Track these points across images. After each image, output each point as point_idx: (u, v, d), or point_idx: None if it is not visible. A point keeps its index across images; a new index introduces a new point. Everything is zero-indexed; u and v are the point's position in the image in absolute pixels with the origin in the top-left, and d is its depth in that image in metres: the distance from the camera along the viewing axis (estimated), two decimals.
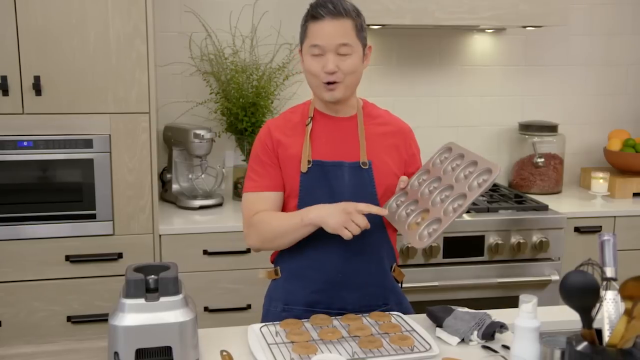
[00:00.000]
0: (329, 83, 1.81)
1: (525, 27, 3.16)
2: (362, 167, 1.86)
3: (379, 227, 1.89)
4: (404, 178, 1.87)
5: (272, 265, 1.99)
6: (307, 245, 1.86)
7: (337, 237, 1.80)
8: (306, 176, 1.84)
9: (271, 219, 1.85)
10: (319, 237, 1.82)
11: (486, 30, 3.43)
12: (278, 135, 1.89)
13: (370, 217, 1.83)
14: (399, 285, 2.01)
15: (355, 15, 1.81)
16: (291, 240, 1.84)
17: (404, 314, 1.95)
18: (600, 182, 3.26)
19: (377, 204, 1.86)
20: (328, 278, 1.87)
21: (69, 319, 2.68)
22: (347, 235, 1.71)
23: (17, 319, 2.64)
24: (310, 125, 1.88)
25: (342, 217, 1.71)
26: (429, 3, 2.87)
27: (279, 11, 3.19)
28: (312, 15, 1.79)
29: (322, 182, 1.85)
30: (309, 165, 1.84)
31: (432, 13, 2.89)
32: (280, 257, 1.95)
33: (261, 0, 3.16)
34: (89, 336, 2.68)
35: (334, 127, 1.90)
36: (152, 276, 1.57)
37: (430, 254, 2.85)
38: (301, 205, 1.85)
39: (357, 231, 1.71)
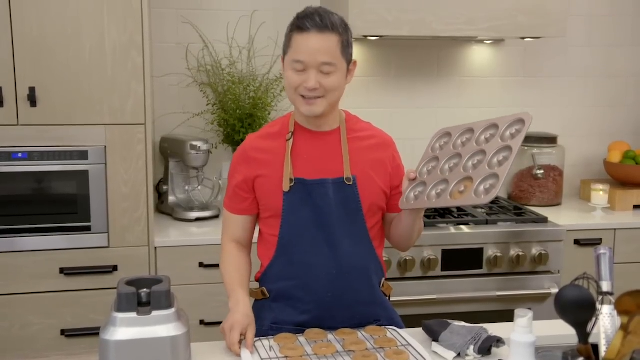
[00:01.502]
0: (307, 97, 1.75)
1: (524, 38, 3.14)
2: (347, 182, 1.81)
3: (365, 242, 1.86)
4: (411, 169, 1.80)
5: (258, 284, 1.94)
6: (293, 266, 1.83)
7: (324, 256, 1.79)
8: (289, 195, 1.79)
9: (223, 268, 1.92)
10: (306, 256, 1.80)
11: (485, 42, 3.43)
12: (255, 154, 1.84)
13: (356, 231, 1.82)
14: (388, 299, 1.97)
15: (342, 31, 1.73)
16: None
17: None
18: (600, 194, 3.24)
19: (362, 220, 1.83)
20: (317, 298, 1.82)
21: (62, 332, 2.65)
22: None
23: (10, 333, 2.62)
24: (291, 140, 1.82)
25: (227, 326, 1.74)
26: (427, 14, 2.86)
27: (276, 22, 3.18)
28: (298, 26, 1.72)
29: (306, 201, 1.80)
30: (292, 184, 1.79)
31: (429, 24, 2.88)
32: (267, 277, 1.89)
33: (258, 12, 3.16)
34: (83, 350, 2.65)
35: (315, 141, 1.83)
36: (145, 290, 1.55)
37: (428, 266, 2.82)
38: (285, 224, 1.81)
39: (227, 343, 1.72)
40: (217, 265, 2.70)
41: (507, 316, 2.23)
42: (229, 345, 1.69)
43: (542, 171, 3.33)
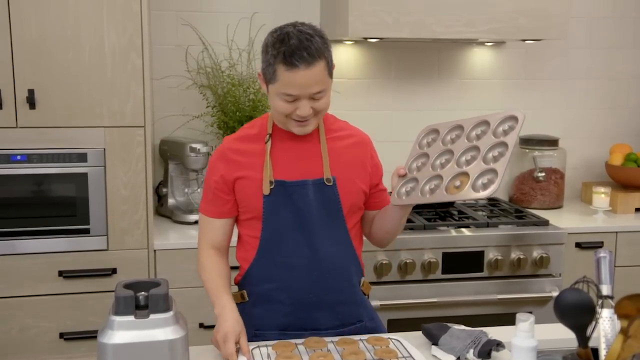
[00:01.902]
0: (300, 120, 1.73)
1: (524, 40, 3.13)
2: (327, 183, 1.80)
3: (346, 243, 1.85)
4: (400, 166, 1.81)
5: (237, 287, 1.92)
6: (274, 267, 1.82)
7: (305, 258, 1.78)
8: (269, 198, 1.78)
9: (203, 275, 1.88)
10: (288, 258, 1.79)
11: (485, 44, 3.41)
12: (234, 156, 1.82)
13: (337, 232, 1.82)
14: (367, 299, 1.97)
15: (326, 53, 1.69)
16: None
17: (377, 330, 1.93)
18: (601, 197, 3.22)
19: (342, 220, 1.83)
20: (299, 299, 1.82)
21: (61, 335, 2.64)
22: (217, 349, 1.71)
23: (8, 336, 2.61)
24: (270, 142, 1.81)
25: (220, 337, 1.71)
26: (427, 16, 2.85)
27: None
28: (285, 62, 1.64)
29: (287, 203, 1.79)
30: (272, 187, 1.78)
31: (429, 26, 2.86)
32: (246, 279, 1.87)
33: (258, 14, 3.16)
34: (82, 353, 2.65)
35: (294, 143, 1.82)
36: (142, 293, 1.54)
37: (428, 269, 2.81)
38: (266, 226, 1.80)
39: (223, 354, 1.69)
40: None
41: (507, 319, 2.22)
42: (226, 357, 1.68)
43: (543, 174, 3.32)
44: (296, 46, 1.64)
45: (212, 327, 2.70)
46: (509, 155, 1.55)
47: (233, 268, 1.91)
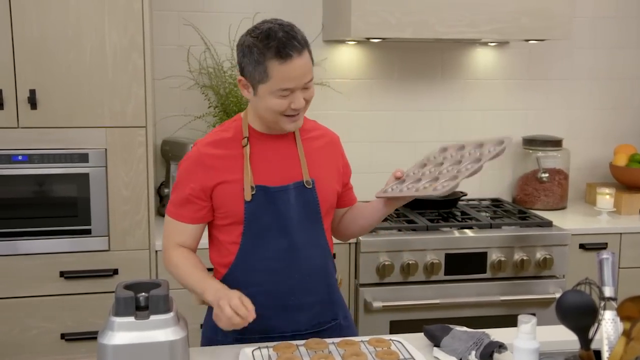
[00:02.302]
0: (291, 115, 1.73)
1: (528, 40, 3.12)
2: (306, 186, 1.80)
3: (323, 243, 1.86)
4: (399, 169, 1.87)
5: None
6: (255, 272, 1.80)
7: (286, 261, 1.77)
8: (251, 203, 1.75)
9: (184, 272, 1.79)
10: (269, 262, 1.78)
11: (489, 44, 3.40)
12: (211, 162, 1.77)
13: (315, 234, 1.82)
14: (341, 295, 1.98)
15: (307, 42, 1.72)
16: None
17: (350, 328, 1.94)
18: (606, 198, 3.21)
19: (321, 222, 1.84)
20: (281, 303, 1.80)
21: (62, 336, 2.64)
22: (225, 326, 1.62)
23: (10, 336, 2.61)
24: (248, 147, 1.78)
25: (217, 312, 1.62)
26: (430, 16, 2.84)
27: None
28: (279, 55, 1.64)
29: (269, 208, 1.77)
30: (253, 192, 1.75)
31: (432, 26, 2.85)
32: (224, 282, 1.79)
33: (260, 14, 3.14)
34: (83, 354, 2.64)
35: (272, 146, 1.81)
36: (143, 294, 1.54)
37: (431, 270, 2.80)
38: (247, 232, 1.78)
39: (223, 327, 1.62)
40: None
41: (511, 321, 2.20)
42: (241, 322, 1.59)
43: (547, 174, 3.30)
44: (286, 37, 1.65)
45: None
46: (475, 168, 1.69)
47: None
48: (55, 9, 2.50)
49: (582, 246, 2.99)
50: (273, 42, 1.64)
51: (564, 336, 1.70)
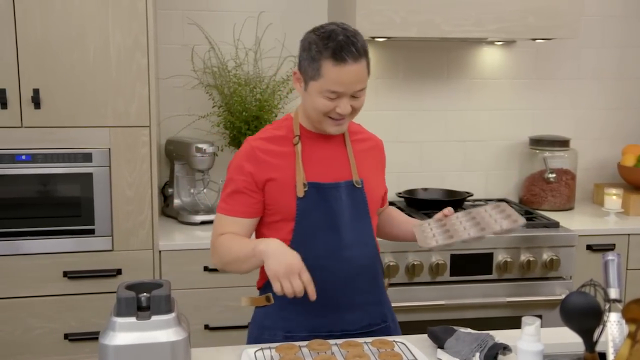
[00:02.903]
0: (336, 119, 1.76)
1: (534, 39, 3.09)
2: (356, 185, 1.83)
3: (372, 244, 1.87)
4: (450, 209, 1.89)
5: (259, 291, 1.90)
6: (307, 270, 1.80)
7: (336, 259, 1.77)
8: (303, 200, 1.77)
9: (231, 243, 1.78)
10: (319, 260, 1.77)
11: (495, 43, 3.38)
12: (264, 156, 1.79)
13: (364, 233, 1.83)
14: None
15: (368, 52, 1.74)
16: (246, 268, 1.77)
17: (397, 332, 1.93)
18: (613, 199, 3.18)
19: (369, 223, 1.85)
20: (331, 302, 1.80)
21: (66, 336, 2.63)
22: (277, 289, 1.62)
23: (13, 336, 2.60)
24: (300, 145, 1.81)
25: (283, 270, 1.61)
26: (435, 15, 2.82)
27: (283, 23, 3.16)
28: (335, 57, 1.67)
29: (321, 205, 1.78)
30: (305, 189, 1.77)
31: (438, 26, 2.83)
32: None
33: (265, 13, 3.14)
34: (87, 354, 2.64)
35: (322, 145, 1.83)
36: (144, 294, 1.53)
37: (436, 271, 2.78)
38: (298, 228, 1.78)
39: (289, 291, 1.61)
40: None
41: (517, 323, 2.19)
42: (292, 292, 1.60)
43: (554, 175, 3.28)
44: (345, 42, 1.68)
45: (218, 328, 2.72)
46: (470, 237, 1.73)
47: None
48: (59, 9, 2.49)
49: (589, 247, 2.97)
50: (331, 43, 1.68)
51: (569, 338, 1.68)
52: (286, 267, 1.61)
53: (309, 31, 1.76)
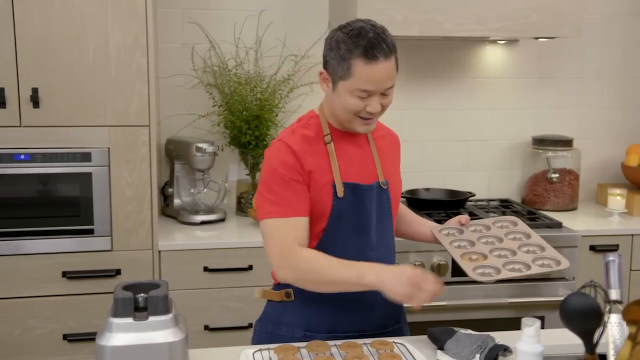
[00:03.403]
0: (366, 118, 1.73)
1: (537, 38, 3.07)
2: (382, 187, 1.82)
3: (392, 244, 1.88)
4: (467, 216, 1.90)
5: (274, 286, 1.88)
6: None
7: (362, 258, 1.73)
8: (340, 200, 1.75)
9: (320, 263, 1.67)
10: (344, 257, 1.73)
11: (498, 42, 3.36)
12: (303, 154, 1.73)
13: (386, 234, 1.83)
14: None
15: (396, 49, 1.71)
16: (337, 290, 1.70)
17: (407, 333, 1.93)
18: (617, 199, 3.15)
19: (391, 224, 1.85)
20: (351, 301, 1.79)
21: (65, 337, 2.62)
22: (416, 305, 1.59)
23: (11, 337, 2.59)
24: (332, 144, 1.77)
25: (410, 290, 1.57)
26: (437, 14, 2.80)
27: (284, 22, 3.14)
28: (366, 55, 1.64)
29: (356, 206, 1.76)
30: (343, 189, 1.75)
31: (440, 24, 2.82)
32: None
33: (266, 11, 3.12)
34: (86, 355, 2.63)
35: (351, 144, 1.81)
36: (142, 294, 1.52)
37: (438, 272, 2.76)
38: (330, 227, 1.76)
39: (428, 301, 1.58)
40: (221, 270, 2.70)
41: (519, 324, 2.16)
42: (420, 301, 1.58)
43: (557, 175, 3.26)
44: (375, 39, 1.65)
45: (217, 329, 2.70)
46: (518, 275, 1.76)
47: None
48: (58, 8, 2.48)
49: (592, 248, 2.95)
50: (362, 41, 1.65)
51: (570, 339, 1.66)
52: (411, 285, 1.57)
53: (334, 29, 1.73)
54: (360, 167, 1.80)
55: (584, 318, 1.12)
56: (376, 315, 1.83)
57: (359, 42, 1.65)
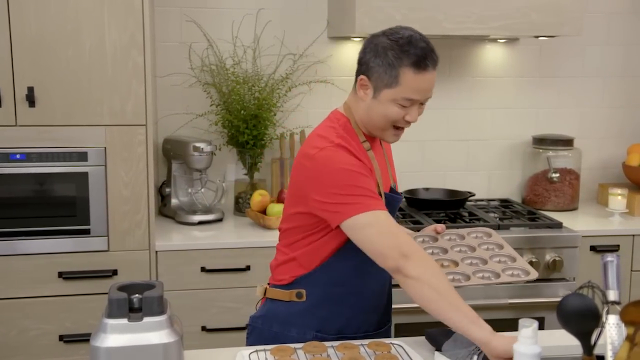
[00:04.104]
0: (399, 128, 1.74)
1: (538, 37, 3.05)
2: (394, 191, 1.86)
3: None
4: (443, 226, 1.92)
5: (280, 284, 1.84)
6: (350, 271, 1.78)
7: (375, 265, 1.68)
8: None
9: (448, 291, 1.56)
10: (366, 265, 1.73)
11: (498, 41, 3.34)
12: (359, 156, 1.71)
13: None
14: None
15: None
16: (441, 319, 1.57)
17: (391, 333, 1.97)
18: (618, 199, 3.13)
19: None
20: (364, 304, 1.82)
21: (61, 338, 2.61)
22: None
23: (7, 338, 2.57)
24: (371, 151, 1.77)
25: None
26: (437, 12, 2.78)
27: (282, 21, 3.12)
28: (418, 65, 1.63)
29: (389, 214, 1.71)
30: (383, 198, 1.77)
31: (439, 23, 2.80)
32: (309, 279, 1.78)
33: (264, 10, 3.10)
34: (82, 356, 2.61)
35: (376, 150, 1.82)
36: (137, 295, 1.51)
37: None
38: None
39: None
40: (219, 270, 2.68)
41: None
42: None
43: (557, 174, 3.24)
44: (427, 49, 1.65)
45: (215, 330, 2.69)
46: (486, 283, 1.82)
47: None
48: (54, 5, 2.47)
49: (593, 248, 2.93)
50: (414, 50, 1.64)
51: (569, 341, 1.64)
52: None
53: (377, 35, 1.70)
54: (384, 174, 1.82)
55: (581, 319, 1.10)
56: (378, 317, 1.87)
57: (410, 50, 1.63)
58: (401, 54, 1.63)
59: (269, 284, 1.89)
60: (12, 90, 2.48)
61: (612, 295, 1.18)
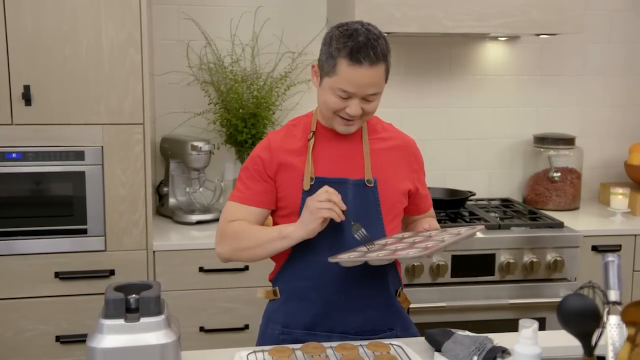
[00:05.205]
0: (346, 119, 1.74)
1: (539, 35, 3.03)
2: (367, 184, 1.80)
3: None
4: (428, 223, 1.88)
5: (271, 285, 1.90)
6: (308, 265, 1.79)
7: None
8: (308, 194, 1.75)
9: (247, 229, 1.79)
10: (321, 257, 1.74)
11: (499, 39, 3.32)
12: (279, 151, 1.81)
13: (374, 234, 1.77)
14: (406, 310, 1.93)
15: (388, 57, 1.73)
16: (265, 253, 1.78)
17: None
18: (620, 198, 3.11)
19: (381, 223, 1.82)
20: (329, 300, 1.79)
21: (57, 338, 2.59)
22: (333, 216, 1.65)
23: (3, 339, 2.56)
24: (313, 140, 1.80)
25: (311, 211, 1.67)
26: (436, 10, 2.77)
27: (281, 19, 3.11)
28: (350, 58, 1.66)
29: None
30: (311, 183, 1.77)
31: (439, 21, 2.78)
32: (280, 276, 1.86)
33: (262, 7, 3.09)
34: (79, 357, 2.61)
35: (337, 142, 1.82)
36: (133, 295, 1.50)
37: (437, 272, 2.72)
38: None
39: (330, 206, 1.65)
40: (217, 270, 2.66)
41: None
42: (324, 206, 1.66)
43: (558, 174, 3.22)
44: (364, 43, 1.66)
45: (213, 330, 2.67)
46: (430, 251, 1.63)
47: None
48: (51, 2, 2.45)
49: (594, 248, 2.91)
50: (350, 43, 1.67)
51: (569, 341, 1.63)
52: (308, 209, 1.67)
53: (334, 26, 1.75)
54: (340, 164, 1.80)
55: (581, 319, 1.08)
56: (358, 319, 1.82)
57: (347, 42, 1.67)
58: (340, 44, 1.68)
59: None
60: (8, 89, 2.46)
61: (613, 295, 1.16)
